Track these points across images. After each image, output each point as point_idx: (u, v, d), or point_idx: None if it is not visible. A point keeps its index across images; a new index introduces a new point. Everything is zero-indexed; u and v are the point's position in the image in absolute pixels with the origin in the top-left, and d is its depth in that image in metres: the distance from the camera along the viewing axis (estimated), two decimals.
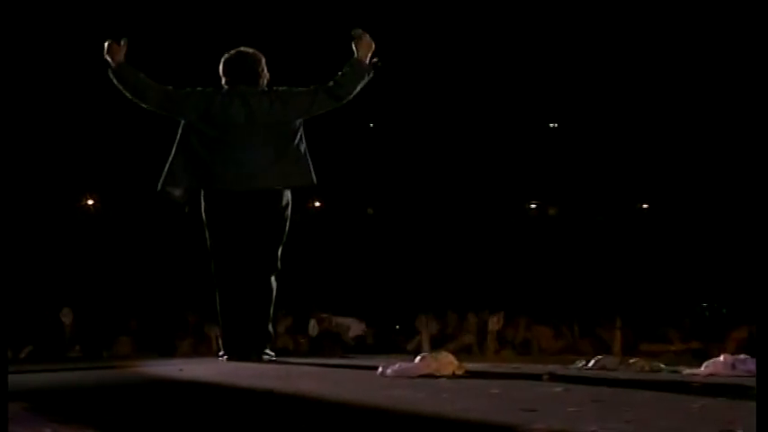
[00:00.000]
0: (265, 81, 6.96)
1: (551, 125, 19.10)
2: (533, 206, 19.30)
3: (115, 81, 6.85)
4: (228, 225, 6.75)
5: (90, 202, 18.32)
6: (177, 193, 6.91)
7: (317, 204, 17.85)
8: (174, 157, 6.81)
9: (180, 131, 6.85)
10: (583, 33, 16.71)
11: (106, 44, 6.83)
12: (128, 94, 6.88)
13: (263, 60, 6.98)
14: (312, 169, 6.85)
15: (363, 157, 17.42)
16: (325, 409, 4.09)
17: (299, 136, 6.83)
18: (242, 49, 6.99)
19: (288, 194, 6.87)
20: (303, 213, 7.17)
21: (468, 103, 17.58)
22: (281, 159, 6.75)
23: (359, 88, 6.86)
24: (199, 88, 6.90)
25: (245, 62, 6.93)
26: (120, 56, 6.83)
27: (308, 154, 6.85)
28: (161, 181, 6.82)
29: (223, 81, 6.92)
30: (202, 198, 6.84)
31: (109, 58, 6.83)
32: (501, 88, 17.32)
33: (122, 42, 6.83)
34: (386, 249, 17.53)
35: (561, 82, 17.40)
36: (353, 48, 6.86)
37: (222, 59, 6.96)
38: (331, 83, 6.83)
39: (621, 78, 17.11)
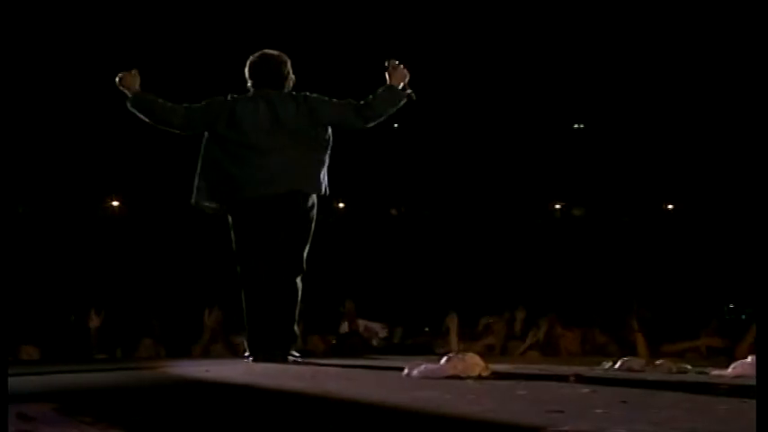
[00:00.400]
0: (291, 84, 6.96)
1: (576, 126, 19.07)
2: (558, 207, 19.28)
3: (135, 111, 6.85)
4: (254, 228, 6.75)
5: (115, 203, 18.41)
6: (212, 205, 6.92)
7: (341, 205, 17.88)
8: (200, 172, 6.82)
9: (203, 145, 6.85)
10: (608, 35, 16.66)
11: (119, 76, 6.83)
12: (150, 121, 6.89)
13: (289, 63, 6.98)
14: (325, 181, 6.82)
15: (387, 157, 17.42)
16: (352, 409, 4.09)
17: (324, 146, 6.80)
18: (266, 51, 6.99)
19: (314, 196, 6.87)
20: (326, 213, 7.16)
21: (493, 105, 17.56)
22: (300, 168, 6.73)
23: (388, 113, 6.84)
24: (219, 97, 6.89)
25: (269, 65, 6.93)
26: (136, 85, 6.83)
27: (326, 165, 6.83)
28: (193, 196, 6.85)
29: (249, 84, 6.93)
30: (231, 207, 6.84)
31: (124, 89, 6.83)
32: (526, 89, 17.30)
33: (134, 72, 6.84)
34: (409, 250, 17.54)
35: (586, 83, 17.37)
36: (387, 76, 6.85)
37: (247, 62, 6.97)
38: (362, 102, 6.81)
39: (647, 80, 17.07)
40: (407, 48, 6.96)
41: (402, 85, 6.87)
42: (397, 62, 6.88)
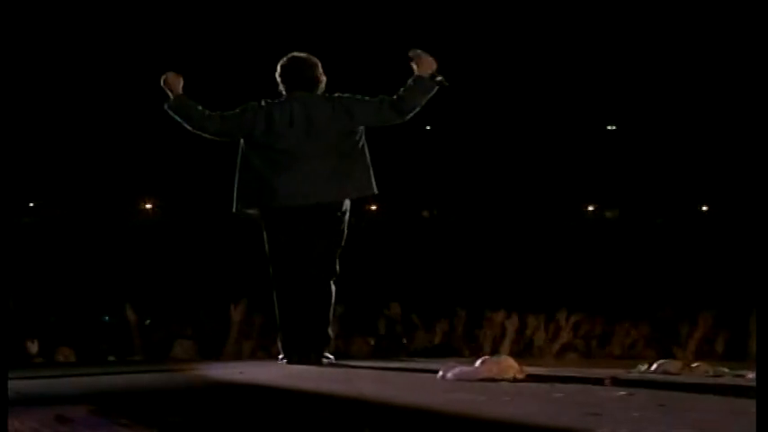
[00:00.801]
0: (323, 85, 6.95)
1: (609, 128, 19.03)
2: (591, 209, 19.25)
3: (173, 114, 6.90)
4: (288, 234, 6.74)
5: (148, 206, 18.54)
6: (253, 211, 6.93)
7: (374, 207, 17.91)
8: (239, 180, 6.84)
9: (240, 152, 6.87)
10: (641, 37, 16.63)
11: (164, 77, 6.88)
12: (187, 127, 6.93)
13: (319, 64, 6.97)
14: (373, 179, 6.83)
15: (420, 159, 17.44)
16: (387, 412, 4.09)
17: (360, 145, 6.81)
18: (296, 54, 6.98)
19: (347, 202, 6.87)
20: (358, 217, 7.14)
21: (525, 106, 17.56)
22: (341, 171, 6.73)
23: (423, 103, 6.82)
24: (253, 103, 6.89)
25: (301, 67, 6.92)
26: (179, 88, 6.88)
27: (369, 163, 6.84)
28: (234, 203, 6.87)
29: (280, 88, 6.92)
30: (266, 213, 6.83)
31: (167, 89, 6.88)
32: (559, 91, 17.28)
33: (179, 75, 6.90)
34: (443, 252, 17.54)
35: (619, 84, 17.34)
36: (413, 67, 6.82)
37: (278, 66, 6.96)
38: (395, 96, 6.80)
39: (680, 81, 17.01)
40: (441, 49, 6.91)
41: (431, 72, 6.83)
42: (419, 51, 6.85)
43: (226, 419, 4.00)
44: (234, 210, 6.91)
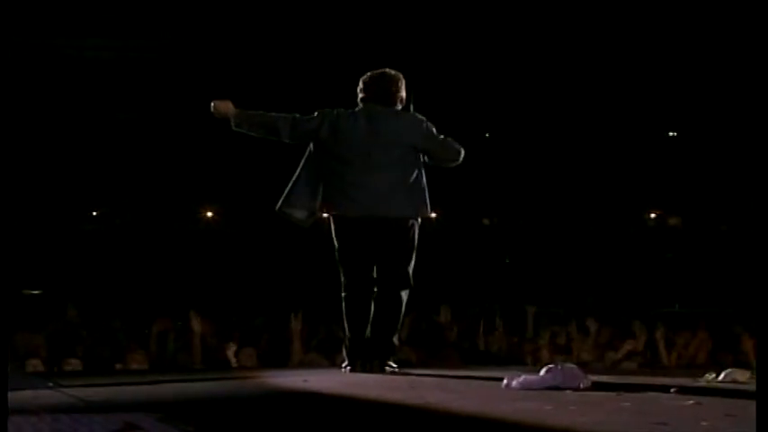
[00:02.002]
0: (399, 103, 6.93)
1: (671, 134, 18.84)
2: (654, 216, 19.06)
3: (241, 131, 6.95)
4: (356, 245, 6.75)
5: (209, 213, 18.65)
6: (298, 215, 6.93)
7: (433, 215, 17.86)
8: (296, 181, 6.86)
9: (306, 157, 6.89)
10: (701, 42, 16.45)
11: (212, 106, 6.91)
12: (259, 136, 6.99)
13: (401, 82, 6.94)
14: (428, 201, 6.84)
15: (479, 167, 17.38)
16: (453, 420, 4.08)
17: (419, 165, 6.80)
18: (386, 70, 6.98)
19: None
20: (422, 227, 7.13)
21: (586, 113, 17.42)
22: (397, 188, 6.73)
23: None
24: (327, 109, 6.91)
25: (381, 82, 6.91)
26: (231, 108, 6.90)
27: (426, 185, 6.84)
28: (280, 203, 6.88)
29: (359, 99, 6.93)
30: (332, 222, 6.85)
31: (221, 116, 6.91)
32: (620, 97, 17.13)
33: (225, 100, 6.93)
34: (504, 260, 17.46)
35: (680, 90, 17.16)
36: None
37: (361, 81, 6.96)
38: (457, 147, 6.92)
39: (741, 86, 16.81)
40: (503, 56, 6.92)
41: None
42: None
43: (291, 427, 4.01)
44: (276, 209, 6.90)
